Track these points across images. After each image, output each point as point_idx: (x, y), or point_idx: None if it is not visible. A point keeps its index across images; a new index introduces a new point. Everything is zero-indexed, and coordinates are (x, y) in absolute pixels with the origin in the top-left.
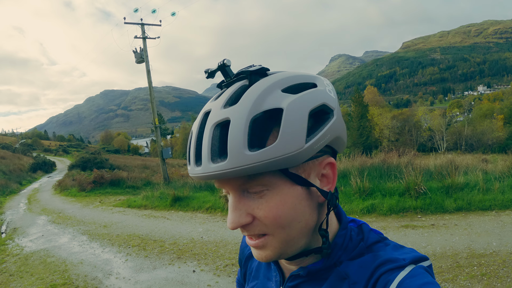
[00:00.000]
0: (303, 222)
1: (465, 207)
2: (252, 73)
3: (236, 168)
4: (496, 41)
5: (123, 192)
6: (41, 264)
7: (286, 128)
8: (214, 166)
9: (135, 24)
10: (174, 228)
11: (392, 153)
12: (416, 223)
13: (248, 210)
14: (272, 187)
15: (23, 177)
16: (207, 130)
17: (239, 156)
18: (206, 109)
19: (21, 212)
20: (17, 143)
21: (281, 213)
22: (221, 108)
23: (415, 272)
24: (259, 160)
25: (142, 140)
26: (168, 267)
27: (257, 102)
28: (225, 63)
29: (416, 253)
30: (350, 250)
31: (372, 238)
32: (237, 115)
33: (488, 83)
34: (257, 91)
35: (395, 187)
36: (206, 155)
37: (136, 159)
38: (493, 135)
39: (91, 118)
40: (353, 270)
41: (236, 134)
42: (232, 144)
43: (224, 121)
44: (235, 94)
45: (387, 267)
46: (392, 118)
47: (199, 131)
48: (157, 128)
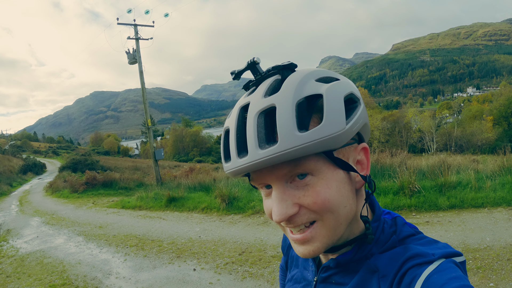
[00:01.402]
0: (348, 207)
1: (458, 205)
2: (284, 68)
3: (288, 150)
4: (486, 43)
5: (116, 194)
6: (38, 265)
7: (328, 111)
8: (264, 152)
9: (128, 24)
10: (171, 228)
11: (385, 154)
12: (411, 221)
13: (294, 200)
14: (317, 172)
15: (13, 179)
16: (250, 120)
17: (290, 138)
18: (243, 103)
19: (13, 213)
20: (6, 144)
21: (329, 197)
22: (263, 97)
23: (443, 267)
24: (310, 140)
25: (132, 141)
26: (168, 266)
27: (298, 89)
28: (255, 61)
29: (448, 249)
30: (382, 243)
31: (406, 231)
32: (283, 100)
33: (477, 85)
34: (296, 80)
35: (390, 186)
36: (253, 143)
37: (127, 161)
38: (483, 136)
39: (80, 119)
40: (383, 263)
41: (285, 117)
42: (282, 127)
43: (268, 108)
44: (272, 86)
45: (415, 262)
46: (382, 119)
47: (237, 124)
48: (149, 130)
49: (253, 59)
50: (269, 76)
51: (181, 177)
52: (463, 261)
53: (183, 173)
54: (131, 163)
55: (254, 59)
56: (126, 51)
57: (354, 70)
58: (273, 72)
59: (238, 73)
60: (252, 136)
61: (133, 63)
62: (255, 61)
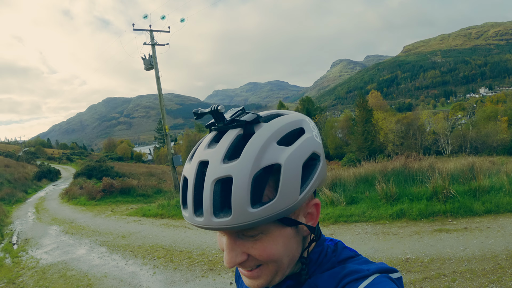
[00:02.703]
0: (290, 255)
1: (493, 210)
2: (247, 123)
3: (240, 224)
4: (497, 43)
5: (134, 201)
6: (61, 278)
7: (284, 184)
8: (218, 221)
9: (144, 30)
10: (198, 238)
11: (413, 157)
12: (449, 227)
13: (243, 250)
14: (266, 231)
15: (28, 185)
16: (207, 185)
17: (243, 214)
18: (202, 158)
19: (31, 221)
20: (20, 151)
21: (275, 251)
22: (221, 163)
23: (378, 280)
24: (261, 216)
25: (145, 147)
26: (202, 279)
27: (258, 158)
28: (219, 109)
29: (383, 265)
30: (323, 265)
31: (345, 254)
32: (240, 173)
33: (489, 85)
34: (256, 147)
35: (422, 191)
36: (209, 209)
37: (141, 167)
38: (498, 137)
39: (93, 126)
40: (322, 281)
41: (240, 192)
42: (236, 202)
43: (225, 178)
44: (232, 146)
45: (351, 277)
46: (396, 122)
47: (195, 180)
48: (167, 136)
49: (217, 107)
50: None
51: None
52: (399, 277)
53: None
54: (145, 169)
55: (217, 107)
56: (142, 57)
57: (366, 73)
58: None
59: (200, 113)
60: (208, 203)
61: (150, 69)
62: (218, 109)
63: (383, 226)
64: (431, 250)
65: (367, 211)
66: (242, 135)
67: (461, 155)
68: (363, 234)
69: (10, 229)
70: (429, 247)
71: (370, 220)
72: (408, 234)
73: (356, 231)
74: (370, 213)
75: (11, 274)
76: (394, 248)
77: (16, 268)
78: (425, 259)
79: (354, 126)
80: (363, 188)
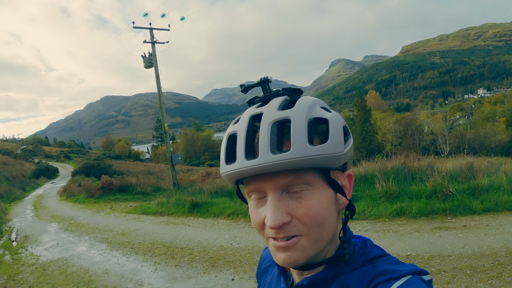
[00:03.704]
0: (332, 224)
1: (492, 208)
2: (294, 91)
3: (299, 158)
4: (496, 44)
5: (133, 199)
6: (61, 274)
7: (333, 133)
8: (276, 156)
9: (144, 28)
10: (198, 235)
11: (412, 157)
12: (448, 225)
13: (288, 210)
14: (312, 186)
15: (27, 183)
16: (264, 127)
17: (302, 148)
18: (254, 112)
19: (29, 219)
20: (18, 149)
21: (320, 211)
22: (277, 110)
23: (411, 282)
24: (317, 154)
25: (142, 146)
26: (203, 276)
27: (309, 110)
28: (268, 79)
29: (415, 267)
30: (352, 263)
31: (374, 252)
32: (297, 116)
33: (488, 86)
34: (307, 103)
35: (421, 189)
36: (266, 148)
37: (139, 165)
38: (496, 138)
39: (91, 124)
40: (352, 280)
41: (299, 130)
42: (296, 138)
43: (283, 120)
44: (284, 103)
45: (384, 278)
46: (394, 122)
47: (247, 130)
48: (166, 134)
49: (266, 77)
50: (278, 95)
51: (197, 181)
52: (430, 279)
53: (200, 178)
54: (143, 167)
55: (267, 77)
56: (142, 55)
57: (364, 73)
58: (282, 93)
59: (248, 86)
60: (265, 141)
61: (149, 67)
62: (268, 79)
63: (383, 224)
64: (431, 247)
65: (367, 209)
66: (288, 100)
67: (459, 155)
68: (363, 232)
69: (9, 226)
70: (429, 244)
71: (370, 218)
72: (408, 231)
73: (356, 228)
74: (370, 211)
75: (11, 270)
76: (395, 245)
77: (16, 264)
78: (425, 256)
79: (352, 126)
80: (363, 187)
